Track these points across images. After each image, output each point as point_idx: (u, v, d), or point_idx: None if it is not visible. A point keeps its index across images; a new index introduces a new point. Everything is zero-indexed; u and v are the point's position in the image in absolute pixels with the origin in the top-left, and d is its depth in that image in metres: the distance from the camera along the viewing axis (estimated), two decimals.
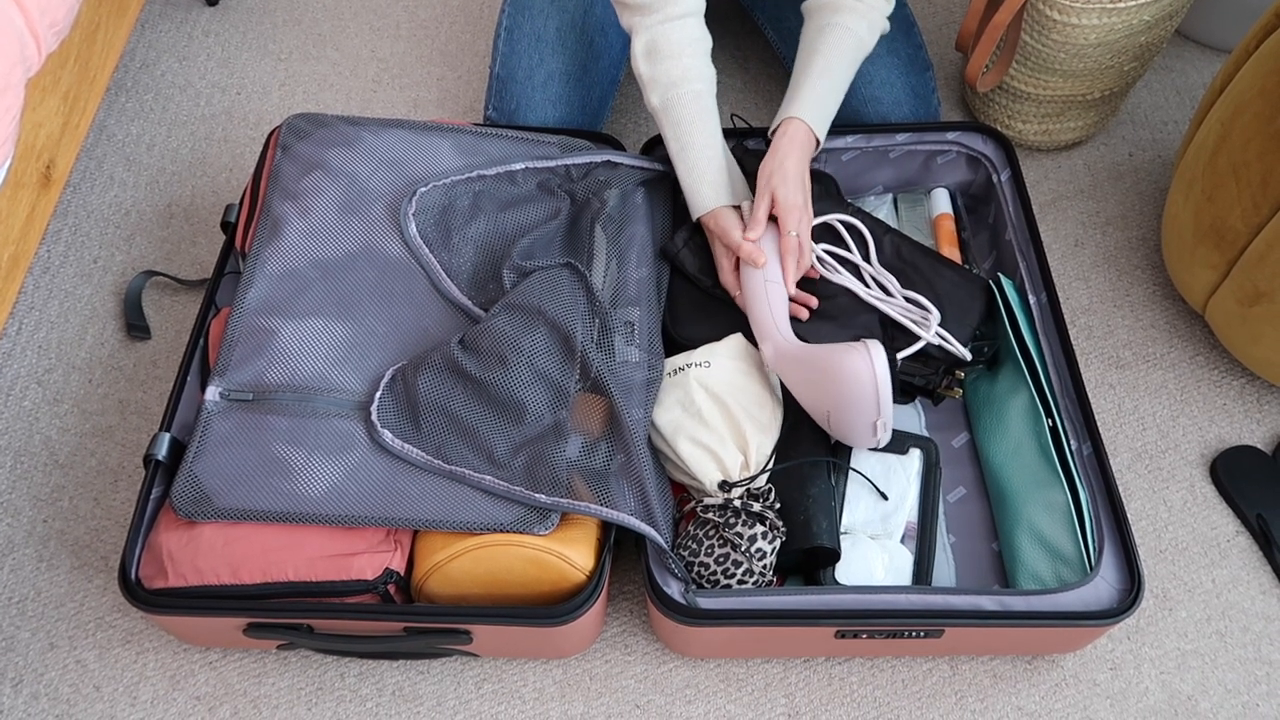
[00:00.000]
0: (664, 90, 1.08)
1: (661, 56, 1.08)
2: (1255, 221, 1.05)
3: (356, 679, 1.04)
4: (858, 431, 0.99)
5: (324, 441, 0.96)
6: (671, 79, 1.08)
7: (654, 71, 1.08)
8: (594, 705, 1.03)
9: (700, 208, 1.09)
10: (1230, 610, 1.09)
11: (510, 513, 0.94)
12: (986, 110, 1.41)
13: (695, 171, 1.08)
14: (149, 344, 1.26)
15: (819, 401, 0.99)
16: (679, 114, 1.08)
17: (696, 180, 1.08)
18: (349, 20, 1.58)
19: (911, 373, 1.08)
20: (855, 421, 0.98)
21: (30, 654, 1.06)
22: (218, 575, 0.92)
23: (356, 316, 1.04)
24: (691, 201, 1.09)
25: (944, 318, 1.09)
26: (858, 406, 0.96)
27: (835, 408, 0.98)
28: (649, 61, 1.08)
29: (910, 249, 1.14)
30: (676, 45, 1.08)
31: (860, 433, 0.99)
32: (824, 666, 1.05)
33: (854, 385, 0.95)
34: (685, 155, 1.09)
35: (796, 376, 1.01)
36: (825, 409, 0.99)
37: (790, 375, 1.01)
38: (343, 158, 1.12)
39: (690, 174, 1.09)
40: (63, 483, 1.16)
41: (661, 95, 1.08)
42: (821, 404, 0.99)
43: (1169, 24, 1.25)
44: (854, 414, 0.97)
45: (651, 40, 1.08)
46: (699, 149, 1.08)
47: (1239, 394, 1.22)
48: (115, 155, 1.42)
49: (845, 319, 1.09)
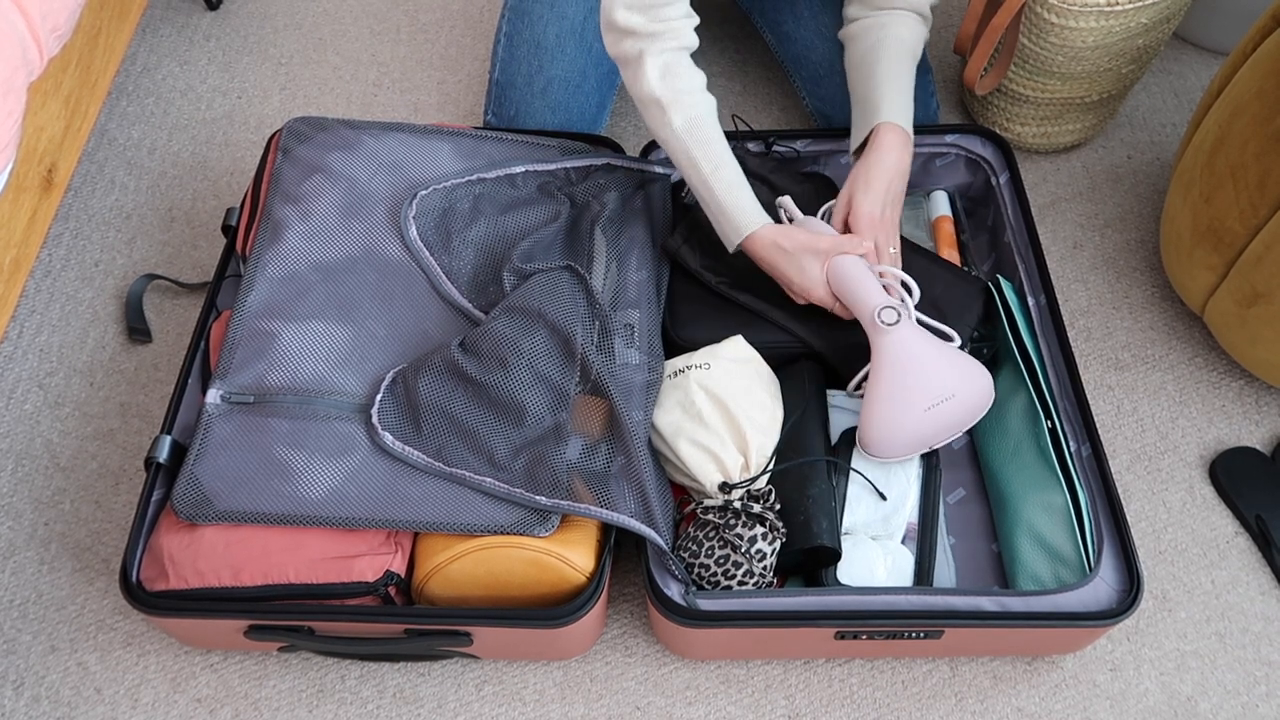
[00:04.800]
0: (686, 111, 1.05)
1: (678, 78, 1.05)
2: (1253, 223, 1.05)
3: (357, 681, 1.05)
4: (913, 434, 1.01)
5: (325, 444, 0.97)
6: (691, 99, 1.05)
7: (673, 93, 1.05)
8: (594, 707, 1.03)
9: (751, 224, 1.05)
10: (1229, 611, 1.09)
11: (511, 515, 0.94)
12: (985, 113, 1.41)
13: (735, 189, 1.05)
14: (150, 347, 1.26)
15: (922, 396, 1.00)
16: (707, 133, 1.06)
17: (742, 198, 1.06)
18: (349, 24, 1.58)
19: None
20: (931, 425, 1.01)
21: (32, 656, 1.06)
22: (219, 577, 0.92)
23: (357, 319, 1.04)
24: (737, 222, 1.05)
25: (944, 319, 1.09)
26: (953, 419, 1.01)
27: (933, 407, 1.00)
28: (665, 83, 1.05)
29: (909, 251, 1.14)
30: (689, 70, 1.06)
31: (903, 435, 1.01)
32: (824, 668, 1.05)
33: (974, 404, 1.02)
34: (721, 174, 1.05)
35: (902, 359, 1.00)
36: (917, 401, 1.00)
37: (896, 357, 1.01)
38: (343, 161, 1.12)
39: (730, 192, 1.05)
40: (64, 486, 1.16)
41: (685, 116, 1.05)
42: (923, 399, 1.00)
43: (1166, 27, 1.25)
44: (942, 422, 1.01)
45: (666, 64, 1.05)
46: (730, 166, 1.06)
47: (1238, 395, 1.22)
48: (117, 159, 1.42)
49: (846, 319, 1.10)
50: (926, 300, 1.11)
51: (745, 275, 1.11)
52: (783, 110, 1.48)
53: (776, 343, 1.09)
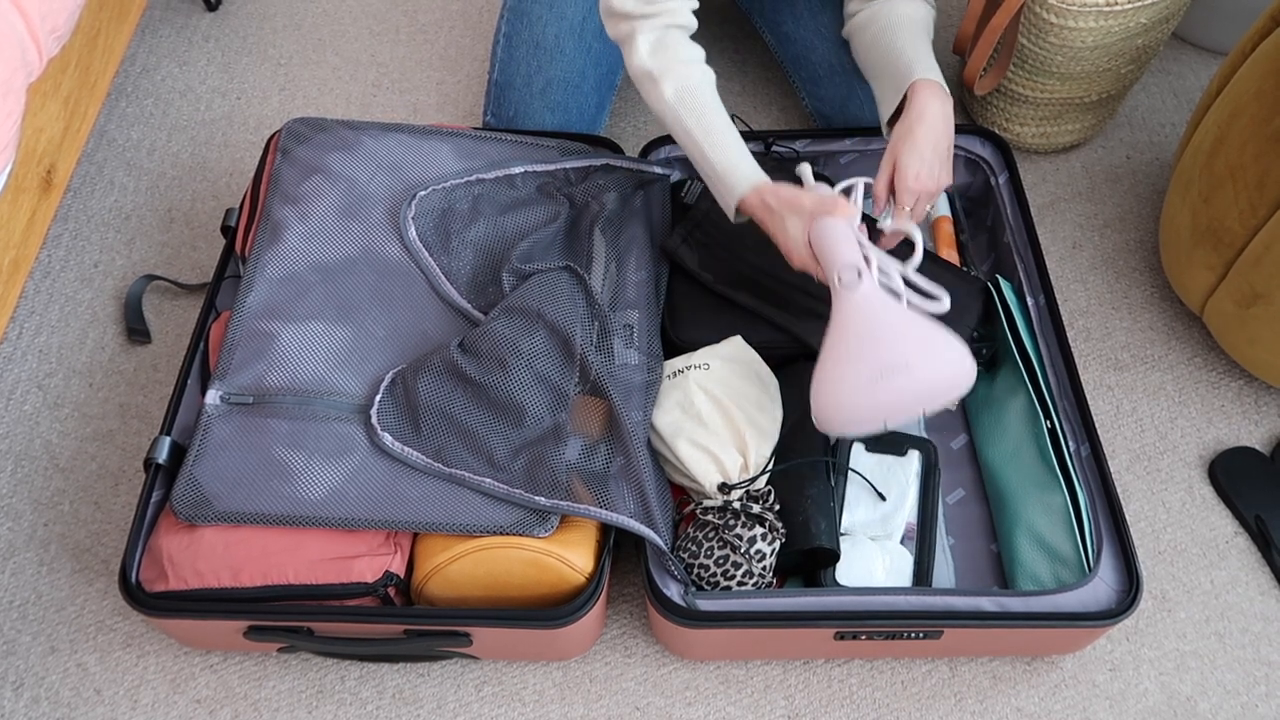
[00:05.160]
0: (678, 80, 1.03)
1: (669, 50, 1.04)
2: (1252, 223, 1.05)
3: (357, 682, 1.05)
4: (876, 410, 0.90)
5: (324, 444, 0.97)
6: (685, 69, 1.04)
7: (664, 64, 1.04)
8: (594, 707, 1.03)
9: (744, 182, 1.01)
10: (1229, 611, 1.09)
11: (510, 515, 0.94)
12: (984, 113, 1.41)
13: (730, 151, 1.02)
14: (149, 348, 1.26)
15: (869, 363, 0.90)
16: (699, 101, 1.04)
17: (735, 158, 1.02)
18: (348, 25, 1.58)
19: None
20: (881, 399, 0.89)
21: (31, 657, 1.06)
22: (218, 578, 0.92)
23: (356, 320, 1.04)
24: (730, 182, 1.02)
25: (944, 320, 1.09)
26: (907, 394, 0.89)
27: (892, 383, 0.89)
28: (656, 56, 1.04)
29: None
30: (682, 42, 1.05)
31: (870, 411, 0.90)
32: (823, 668, 1.05)
33: (936, 382, 0.89)
34: (713, 138, 1.03)
35: (854, 323, 0.92)
36: (871, 373, 0.89)
37: (848, 320, 0.92)
38: (342, 162, 1.12)
39: (725, 154, 1.02)
40: (63, 487, 1.16)
41: (676, 85, 1.03)
42: (870, 367, 0.90)
43: (1166, 27, 1.25)
44: (894, 397, 0.89)
45: (658, 39, 1.05)
46: (725, 131, 1.03)
47: (1237, 395, 1.22)
48: (116, 160, 1.42)
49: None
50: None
51: (745, 276, 1.11)
52: (782, 110, 1.48)
53: (776, 343, 1.09)
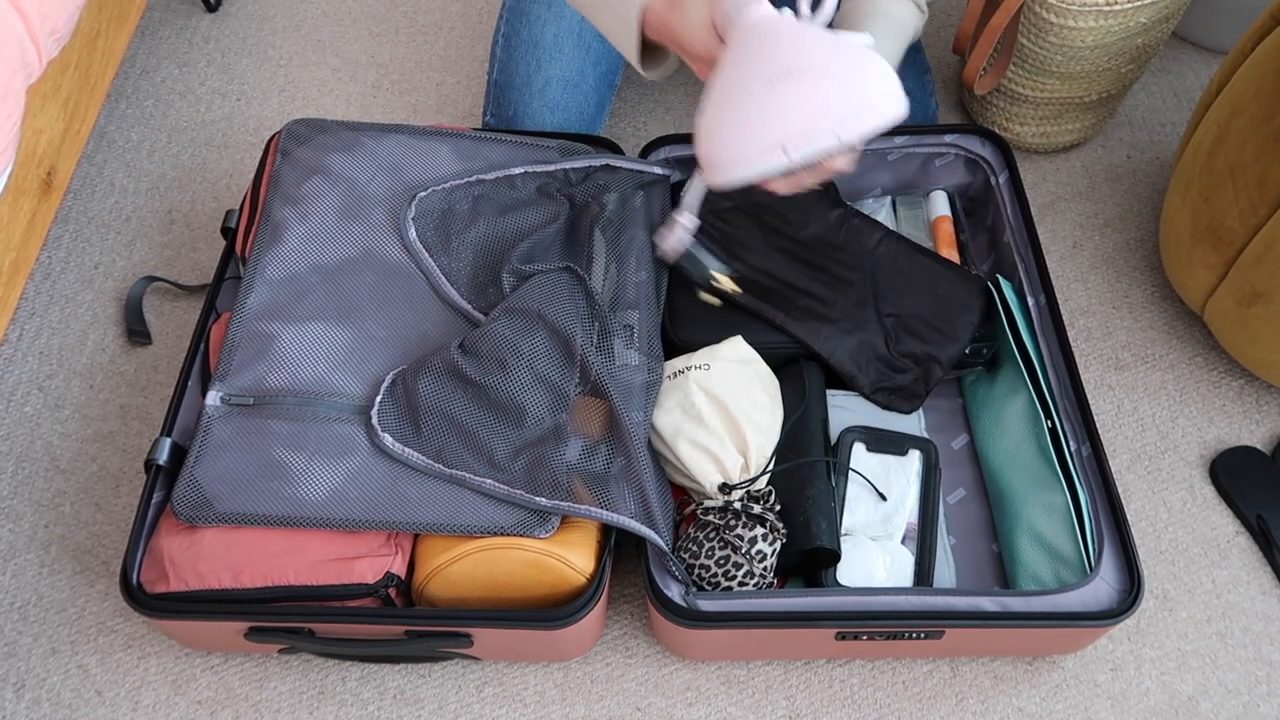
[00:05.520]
0: None
1: None
2: (1252, 222, 1.05)
3: (358, 683, 1.05)
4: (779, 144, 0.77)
5: (325, 446, 0.97)
6: None
7: None
8: (595, 708, 1.03)
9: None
10: (1230, 611, 1.09)
11: (510, 516, 0.94)
12: (984, 113, 1.41)
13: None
14: (150, 349, 1.26)
15: (764, 68, 0.76)
16: None
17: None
18: (348, 26, 1.58)
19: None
20: (777, 108, 0.76)
21: (32, 659, 1.06)
22: (219, 579, 0.92)
23: (357, 321, 1.04)
24: (620, 9, 0.89)
25: (944, 320, 1.09)
26: (811, 104, 0.74)
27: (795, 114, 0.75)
28: None
29: (909, 250, 1.14)
30: None
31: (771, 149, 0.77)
32: (825, 668, 1.05)
33: (855, 91, 0.75)
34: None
35: (747, 37, 0.78)
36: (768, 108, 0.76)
37: (741, 38, 0.79)
38: (342, 163, 1.12)
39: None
40: (64, 488, 1.16)
41: None
42: (766, 72, 0.76)
43: (1166, 26, 1.25)
44: (794, 103, 0.75)
45: None
46: None
47: (1238, 394, 1.22)
48: (116, 161, 1.42)
49: (846, 322, 1.10)
50: (928, 299, 1.11)
51: (744, 276, 1.11)
52: None
53: (776, 343, 1.09)
